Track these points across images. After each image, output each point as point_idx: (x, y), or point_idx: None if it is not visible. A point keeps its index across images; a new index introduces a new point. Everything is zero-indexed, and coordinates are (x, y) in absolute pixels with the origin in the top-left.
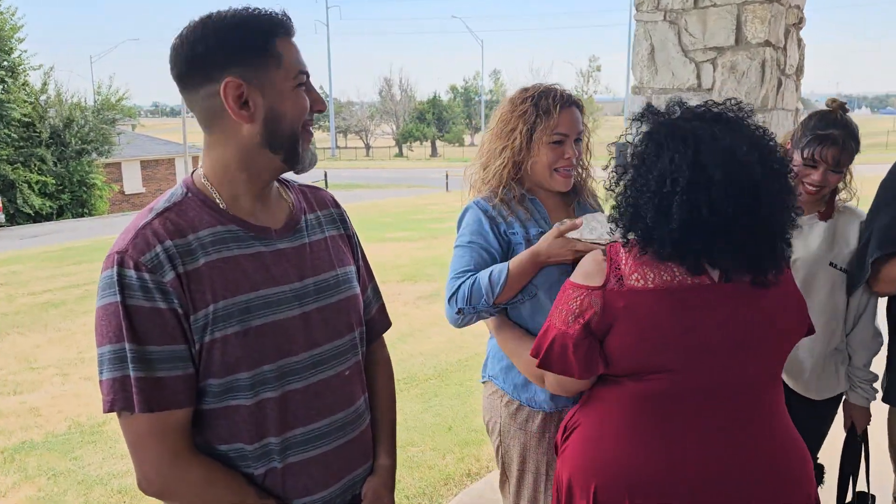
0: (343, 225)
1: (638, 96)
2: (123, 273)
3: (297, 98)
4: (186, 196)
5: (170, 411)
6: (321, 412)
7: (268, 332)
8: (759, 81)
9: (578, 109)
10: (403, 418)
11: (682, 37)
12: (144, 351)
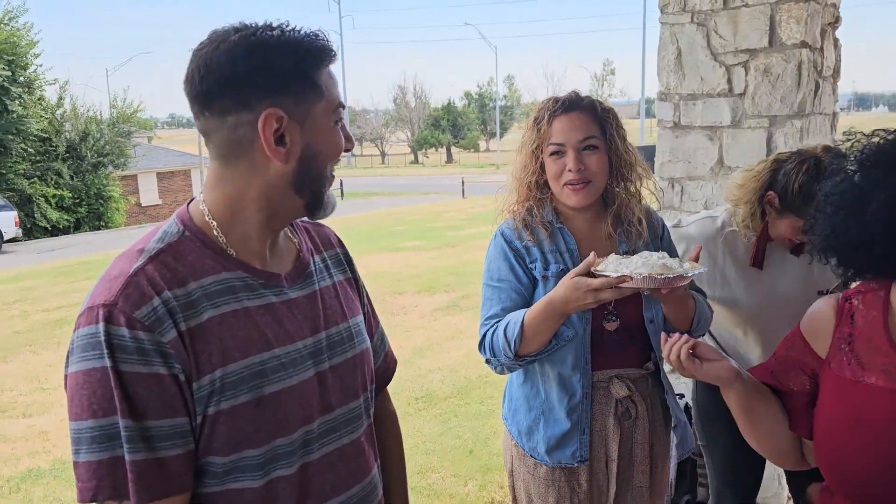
0: (349, 267)
1: (665, 103)
2: (112, 331)
3: (335, 136)
4: (184, 235)
5: (170, 499)
6: (336, 488)
7: (283, 399)
8: (795, 85)
9: (590, 113)
10: (422, 440)
11: (711, 39)
12: (142, 427)
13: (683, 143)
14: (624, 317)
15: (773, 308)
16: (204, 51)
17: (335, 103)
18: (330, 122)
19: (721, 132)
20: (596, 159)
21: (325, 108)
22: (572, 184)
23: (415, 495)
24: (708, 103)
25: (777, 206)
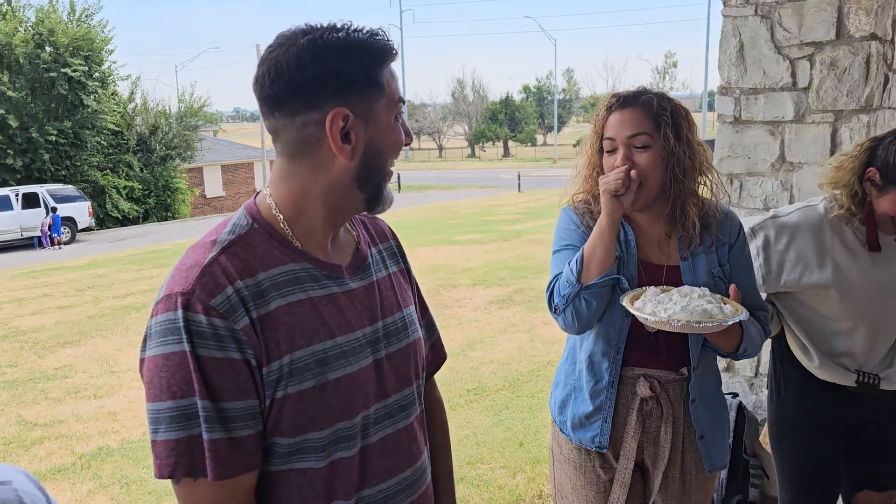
0: (402, 259)
1: (725, 97)
2: (191, 318)
3: (396, 132)
4: (253, 227)
5: (243, 475)
6: (391, 470)
7: (345, 385)
8: (862, 79)
9: (646, 110)
10: (473, 432)
11: (775, 32)
12: (218, 408)
13: (744, 139)
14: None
15: (887, 295)
16: (274, 54)
17: (395, 99)
18: (391, 119)
19: (783, 127)
20: (646, 157)
21: (386, 105)
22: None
23: (464, 485)
24: (770, 97)
25: (878, 181)
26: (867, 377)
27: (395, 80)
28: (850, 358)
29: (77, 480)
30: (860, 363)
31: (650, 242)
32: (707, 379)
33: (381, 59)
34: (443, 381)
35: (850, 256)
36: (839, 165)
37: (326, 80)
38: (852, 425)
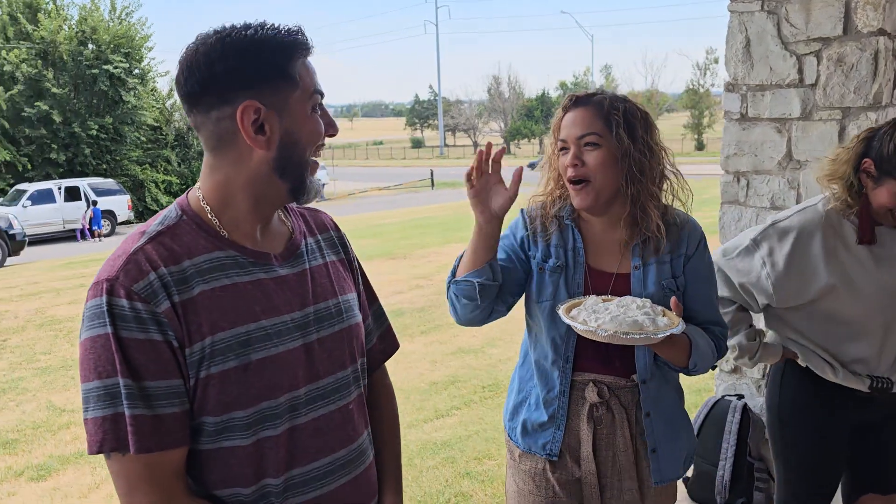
0: (343, 249)
1: (732, 94)
2: (114, 302)
3: (313, 122)
4: (181, 219)
5: (165, 452)
6: (323, 450)
7: (269, 366)
8: (870, 75)
9: (597, 110)
10: (483, 428)
11: (781, 27)
12: (140, 386)
13: (750, 136)
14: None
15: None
16: (188, 54)
17: (310, 91)
18: (307, 110)
19: (790, 125)
20: (595, 156)
21: (300, 97)
22: (572, 181)
23: (469, 480)
24: (777, 94)
25: (874, 172)
26: (880, 381)
27: (310, 74)
28: (862, 364)
29: (98, 465)
30: (872, 367)
31: (603, 249)
32: (664, 393)
33: (292, 53)
34: (459, 378)
35: (851, 254)
36: (836, 158)
37: (235, 75)
38: (858, 427)
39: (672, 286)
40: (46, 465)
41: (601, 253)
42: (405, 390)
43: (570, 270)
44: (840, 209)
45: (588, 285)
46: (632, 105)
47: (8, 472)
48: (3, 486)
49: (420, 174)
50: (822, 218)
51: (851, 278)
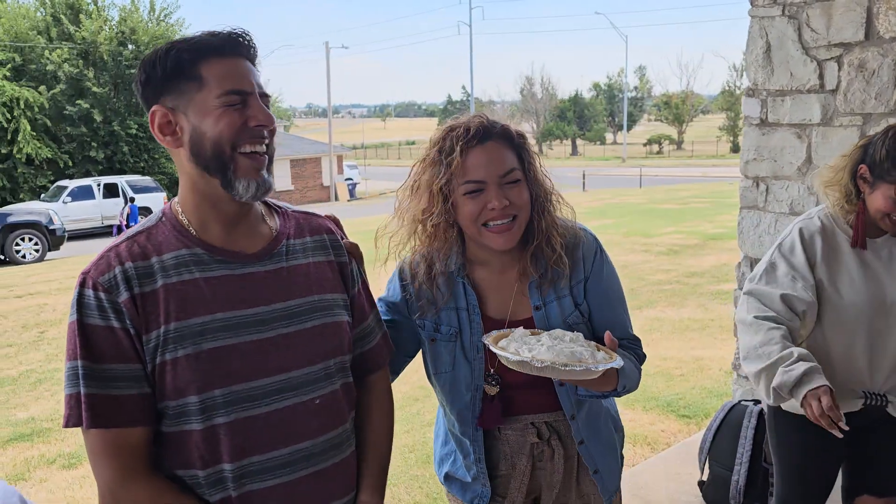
0: (336, 251)
1: (752, 99)
2: (83, 293)
3: (220, 117)
4: (160, 221)
5: (120, 429)
6: (284, 440)
7: (222, 355)
8: (892, 81)
9: (507, 142)
10: None
11: (802, 33)
12: (96, 368)
13: (770, 141)
14: (510, 380)
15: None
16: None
17: (219, 89)
18: (214, 106)
19: (810, 130)
20: (518, 192)
21: (206, 95)
22: (497, 222)
23: None
24: (797, 100)
25: (869, 178)
26: (874, 399)
27: (221, 72)
28: (856, 379)
29: None
30: (866, 383)
31: (496, 296)
32: (593, 417)
33: (198, 55)
34: None
35: (841, 263)
36: (834, 166)
37: (144, 86)
38: (854, 430)
39: (578, 319)
40: (77, 454)
41: (494, 301)
42: (427, 388)
43: (465, 333)
44: (837, 216)
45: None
46: (517, 128)
47: (41, 459)
48: (35, 472)
49: None
50: (819, 226)
51: (837, 286)
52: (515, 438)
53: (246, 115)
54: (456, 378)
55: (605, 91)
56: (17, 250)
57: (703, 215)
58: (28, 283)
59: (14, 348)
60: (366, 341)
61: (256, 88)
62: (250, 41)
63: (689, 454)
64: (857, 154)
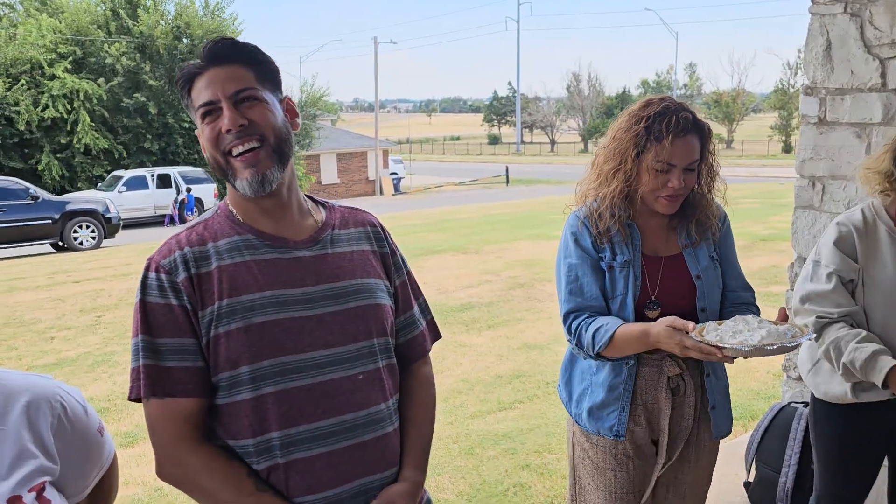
0: (379, 242)
1: (810, 97)
2: (147, 276)
3: (203, 131)
4: (216, 213)
5: (175, 399)
6: (327, 411)
7: (270, 328)
8: None
9: (699, 136)
10: (545, 422)
11: (864, 30)
12: (154, 342)
13: (828, 140)
14: (667, 306)
15: None
16: None
17: (196, 105)
18: (199, 121)
19: (870, 129)
20: (692, 178)
21: (194, 111)
22: (670, 197)
23: (528, 471)
24: (858, 98)
25: None
26: None
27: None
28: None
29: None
30: None
31: (654, 237)
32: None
33: (187, 82)
34: (524, 373)
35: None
36: (877, 155)
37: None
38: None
39: (718, 258)
40: (133, 433)
41: (653, 239)
42: (470, 381)
43: (632, 264)
44: (878, 207)
45: (645, 270)
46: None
47: None
48: None
49: (495, 170)
50: (860, 217)
51: (872, 272)
52: (652, 374)
53: (218, 123)
54: (625, 302)
55: (654, 88)
56: (76, 237)
57: (753, 216)
58: (85, 269)
59: (72, 331)
60: (409, 330)
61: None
62: (228, 45)
63: (734, 455)
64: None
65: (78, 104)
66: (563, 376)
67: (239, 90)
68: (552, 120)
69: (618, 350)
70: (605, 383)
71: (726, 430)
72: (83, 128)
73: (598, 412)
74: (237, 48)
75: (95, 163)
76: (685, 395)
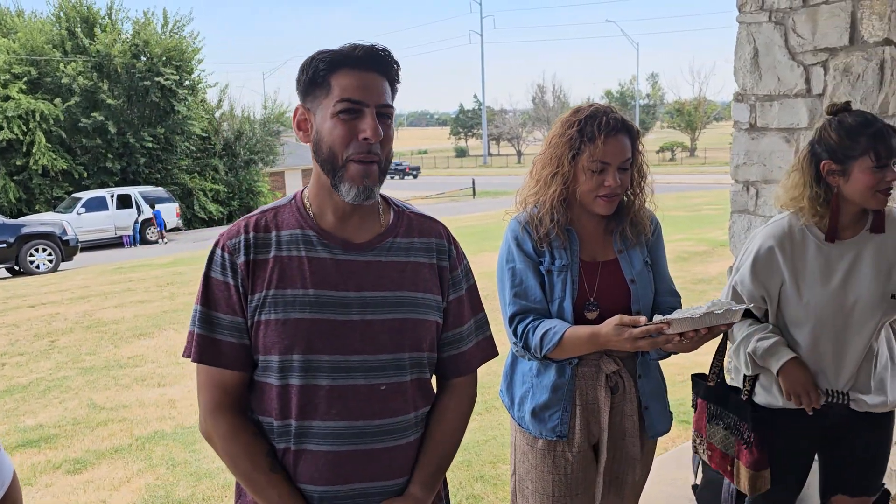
0: (440, 256)
1: (741, 104)
2: (215, 251)
3: (335, 125)
4: (290, 202)
5: (218, 368)
6: (340, 413)
7: (304, 326)
8: (876, 85)
9: (629, 135)
10: (501, 433)
11: (789, 38)
12: (210, 314)
13: (759, 146)
14: (605, 306)
15: (842, 309)
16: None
17: (337, 98)
18: (331, 113)
19: (798, 134)
20: (626, 176)
21: (328, 102)
22: (607, 197)
23: (482, 483)
24: (785, 104)
25: (837, 167)
26: (835, 396)
27: (348, 83)
28: (822, 376)
29: (130, 460)
30: (830, 381)
31: (591, 242)
32: (647, 356)
33: (333, 64)
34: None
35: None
36: (790, 186)
37: (297, 87)
38: (828, 427)
39: (650, 263)
40: (83, 459)
41: (590, 245)
42: None
43: (570, 268)
44: (812, 223)
45: (582, 276)
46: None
47: (47, 465)
48: (41, 478)
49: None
50: (786, 229)
51: (799, 285)
52: (591, 374)
53: (358, 127)
54: (563, 305)
55: (618, 99)
56: (31, 261)
57: (714, 222)
58: (41, 293)
59: (25, 357)
60: (455, 346)
61: (376, 102)
62: (388, 57)
63: (685, 458)
64: (808, 161)
65: (34, 125)
66: (504, 380)
67: (384, 104)
68: (518, 132)
69: (565, 352)
70: (549, 384)
71: (662, 430)
72: (39, 149)
73: (540, 413)
74: (392, 64)
75: (54, 184)
76: (624, 393)
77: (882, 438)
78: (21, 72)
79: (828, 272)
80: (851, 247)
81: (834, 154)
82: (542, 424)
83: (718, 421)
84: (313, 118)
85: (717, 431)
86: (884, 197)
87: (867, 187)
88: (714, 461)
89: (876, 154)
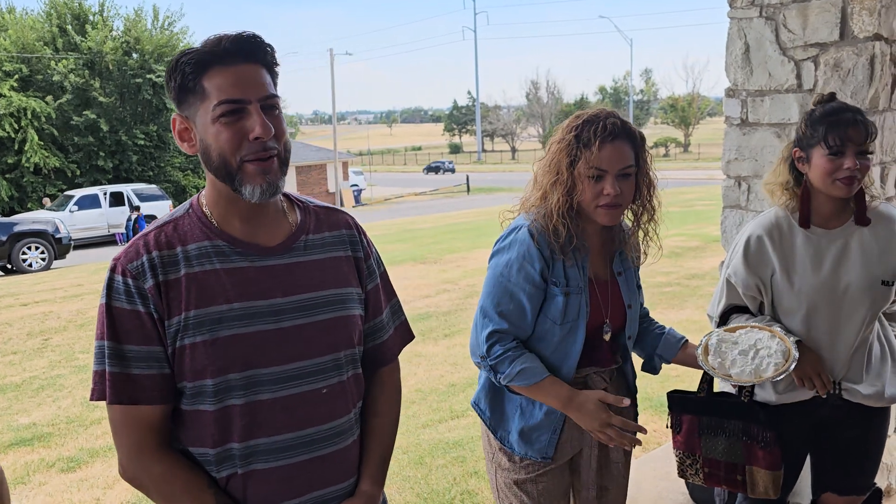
0: (353, 247)
1: (732, 99)
2: (113, 278)
3: (220, 130)
4: (187, 212)
5: (138, 406)
6: (289, 425)
7: (237, 342)
8: (867, 80)
9: (631, 142)
10: None
11: (780, 33)
12: (120, 349)
13: (750, 141)
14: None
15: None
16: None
17: (215, 101)
18: (212, 119)
19: (789, 129)
20: (629, 185)
21: (206, 107)
22: (608, 206)
23: (476, 479)
24: (776, 99)
25: (802, 155)
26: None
27: (221, 82)
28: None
29: None
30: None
31: (595, 258)
32: (629, 368)
33: (202, 66)
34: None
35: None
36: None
37: (167, 92)
38: (818, 425)
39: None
40: (76, 457)
41: (595, 263)
42: (424, 391)
43: (584, 288)
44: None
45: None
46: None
47: (41, 463)
48: (35, 476)
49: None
50: (773, 220)
51: (789, 274)
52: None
53: (245, 127)
54: (577, 326)
55: (611, 94)
56: (24, 259)
57: (707, 218)
58: (34, 291)
59: (18, 355)
60: (378, 335)
61: (258, 96)
62: (260, 43)
63: None
64: (788, 149)
65: (25, 123)
66: (484, 394)
67: (267, 96)
68: (512, 128)
69: (531, 394)
70: (545, 407)
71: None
72: (31, 147)
73: (529, 434)
74: (263, 49)
75: (47, 182)
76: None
77: (873, 435)
78: (12, 69)
79: (818, 259)
80: (839, 235)
81: (800, 142)
82: (528, 445)
83: (718, 432)
84: (194, 126)
85: (717, 444)
86: (844, 185)
87: (825, 174)
88: (716, 478)
89: (826, 142)
